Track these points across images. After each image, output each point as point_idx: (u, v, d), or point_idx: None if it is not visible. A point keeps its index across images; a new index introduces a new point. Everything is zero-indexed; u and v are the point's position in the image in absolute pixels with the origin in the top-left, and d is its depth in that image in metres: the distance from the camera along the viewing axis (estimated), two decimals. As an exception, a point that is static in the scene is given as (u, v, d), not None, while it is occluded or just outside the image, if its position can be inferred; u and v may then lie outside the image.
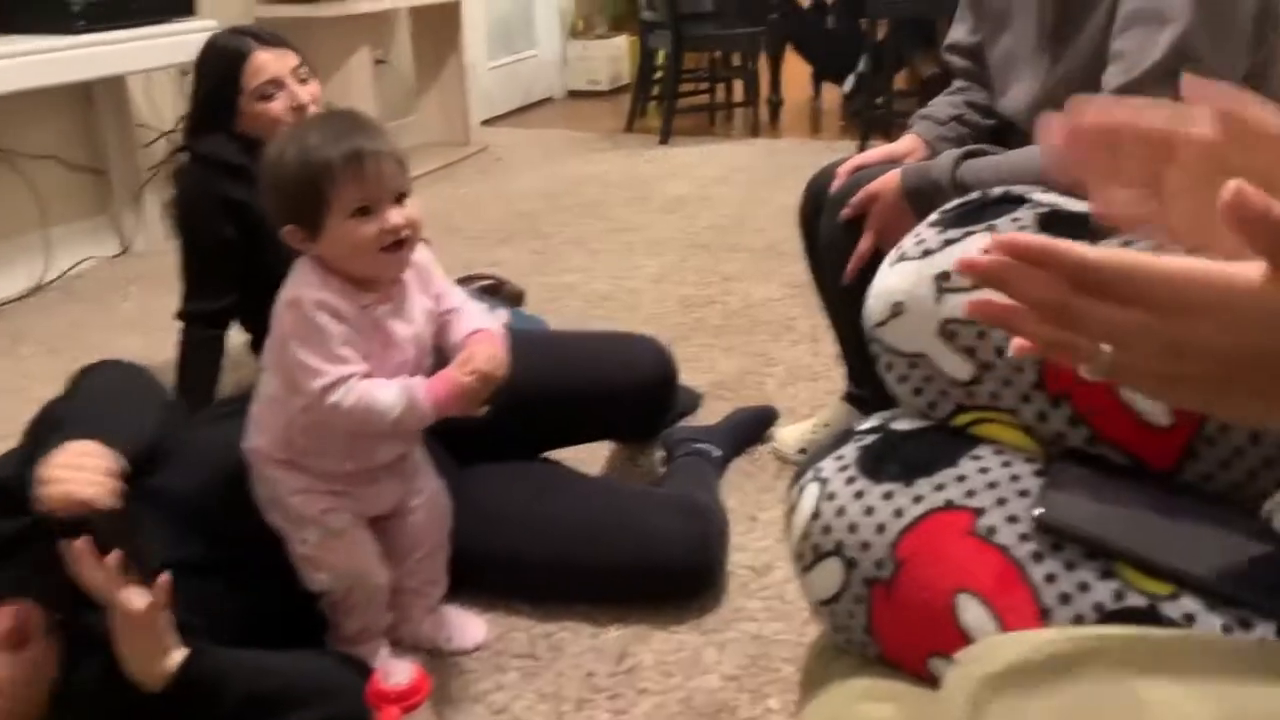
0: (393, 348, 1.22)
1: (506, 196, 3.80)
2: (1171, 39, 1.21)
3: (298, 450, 1.24)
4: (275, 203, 1.19)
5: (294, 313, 1.18)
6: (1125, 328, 0.51)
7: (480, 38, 5.11)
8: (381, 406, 1.17)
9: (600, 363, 1.66)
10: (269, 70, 1.78)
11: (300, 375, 1.17)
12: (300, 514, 1.26)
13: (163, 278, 2.93)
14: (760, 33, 4.68)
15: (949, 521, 0.72)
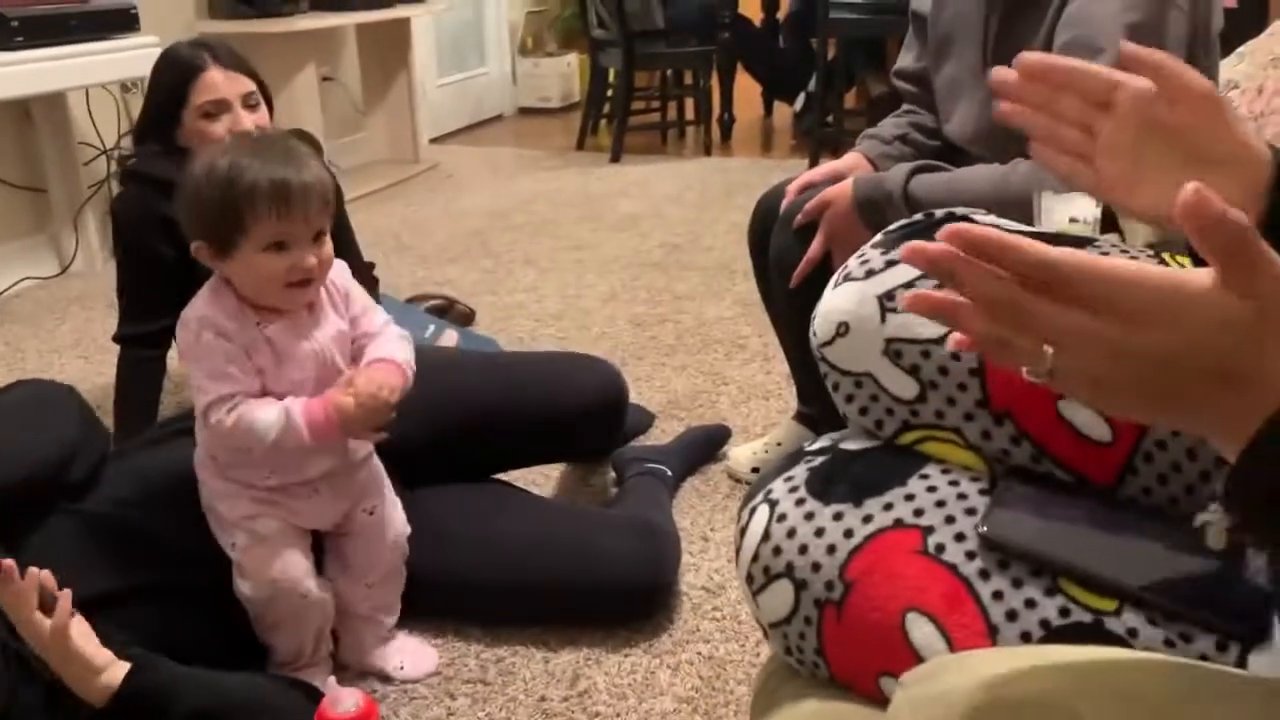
0: (288, 364, 1.22)
1: (456, 215, 3.78)
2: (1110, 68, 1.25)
3: (223, 466, 1.25)
4: (191, 215, 1.19)
5: (183, 331, 1.20)
6: (1071, 329, 0.50)
7: (429, 54, 5.09)
8: (260, 427, 1.17)
9: (550, 384, 1.65)
10: (218, 90, 1.75)
11: (194, 392, 1.20)
12: (227, 518, 1.25)
13: (102, 298, 2.87)
14: (711, 51, 4.72)
15: (898, 541, 0.72)
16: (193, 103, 1.75)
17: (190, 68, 1.76)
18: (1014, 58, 1.42)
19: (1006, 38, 1.41)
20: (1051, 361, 0.52)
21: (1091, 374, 0.51)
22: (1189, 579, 0.67)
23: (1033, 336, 0.52)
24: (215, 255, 1.18)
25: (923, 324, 0.78)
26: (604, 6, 4.55)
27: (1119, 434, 0.72)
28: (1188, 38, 1.29)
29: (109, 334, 1.93)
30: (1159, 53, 0.65)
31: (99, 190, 3.19)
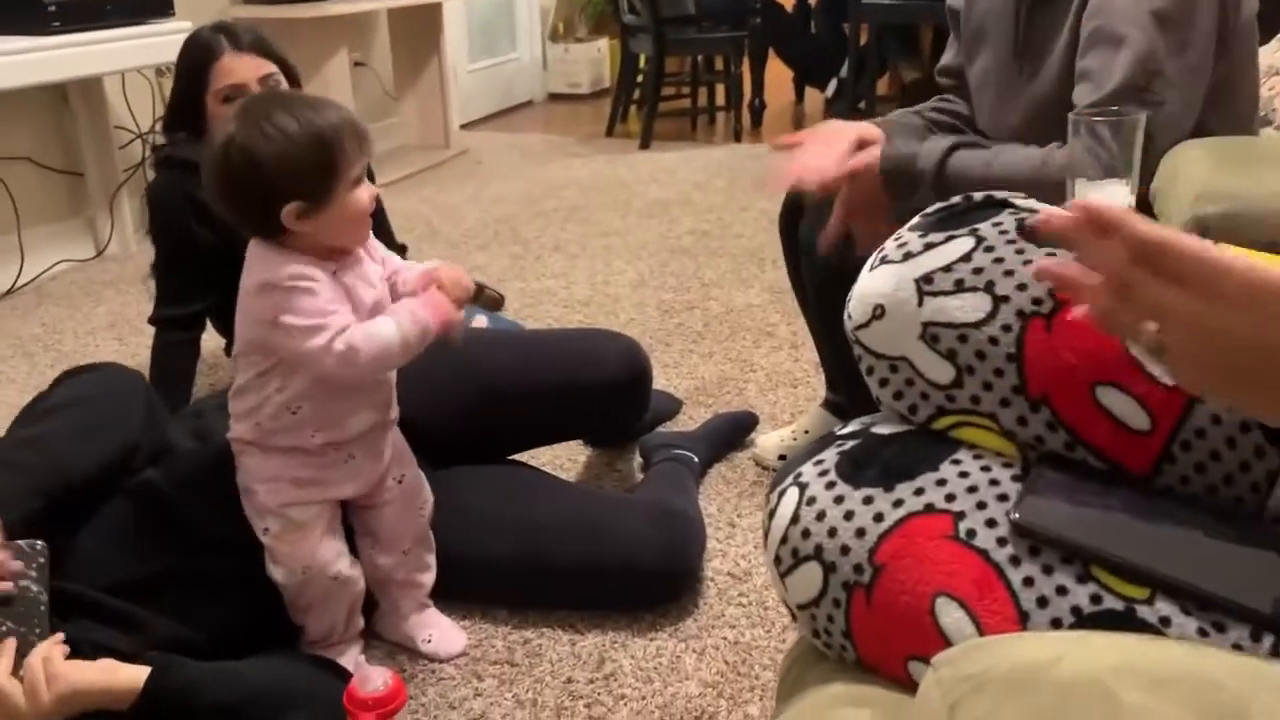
0: (362, 311, 1.24)
1: (486, 200, 3.79)
2: (1133, 57, 1.24)
3: (266, 432, 1.25)
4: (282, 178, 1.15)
5: (272, 293, 1.18)
6: (1173, 308, 0.54)
7: (460, 40, 5.10)
8: (385, 335, 1.18)
9: (569, 359, 1.65)
10: (235, 74, 1.75)
11: (300, 338, 1.16)
12: (264, 503, 1.26)
13: (137, 281, 2.91)
14: (743, 37, 4.69)
15: (928, 525, 0.72)
16: (212, 87, 1.76)
17: (207, 53, 1.76)
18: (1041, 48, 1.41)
19: (1035, 29, 1.39)
20: (1157, 338, 0.56)
21: (1190, 354, 0.55)
22: (1223, 568, 0.66)
23: (1138, 311, 0.56)
24: (309, 211, 1.17)
25: (960, 308, 0.78)
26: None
27: (1157, 422, 0.71)
28: (1216, 24, 1.27)
29: (144, 316, 1.95)
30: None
31: (134, 174, 3.22)
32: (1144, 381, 0.71)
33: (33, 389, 1.44)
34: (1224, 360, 0.54)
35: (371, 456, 1.32)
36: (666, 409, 2.05)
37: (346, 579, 1.32)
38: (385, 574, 1.38)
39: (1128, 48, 1.25)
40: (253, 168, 1.15)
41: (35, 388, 1.40)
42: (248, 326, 1.22)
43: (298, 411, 1.24)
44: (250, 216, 1.20)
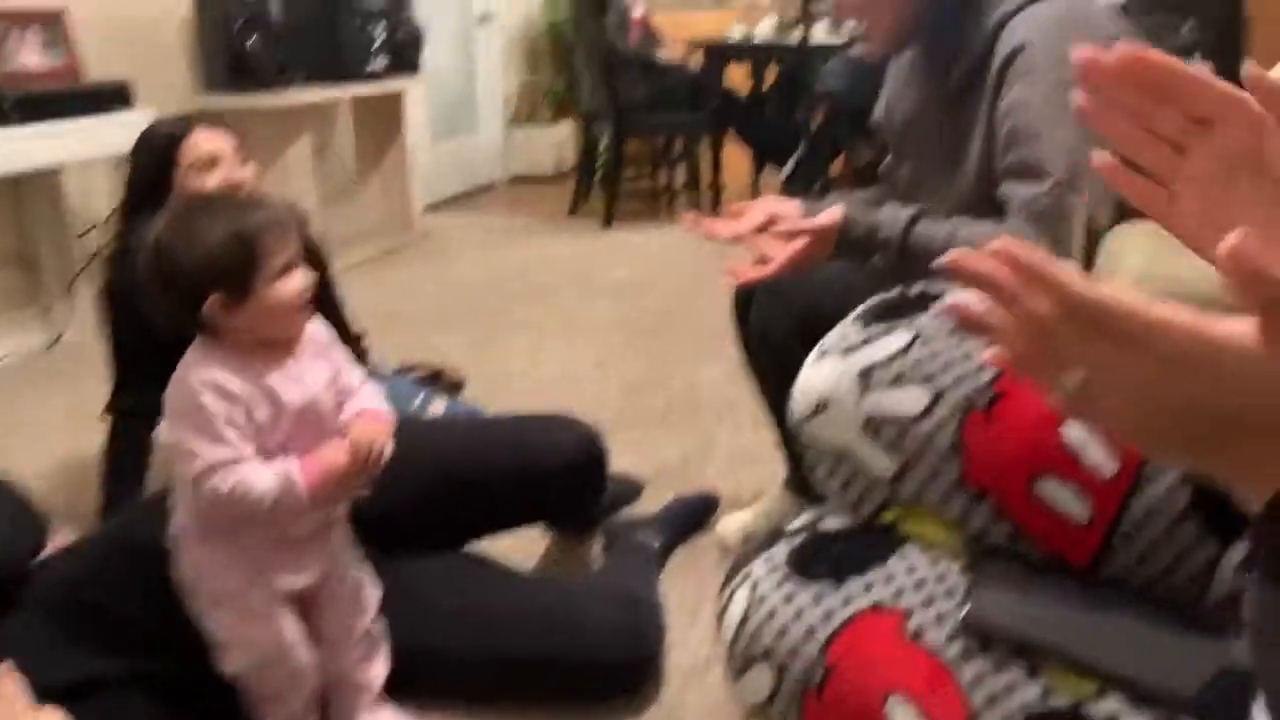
0: (285, 415, 1.22)
1: (448, 282, 3.80)
2: (1060, 149, 1.28)
3: (213, 527, 1.23)
4: (201, 272, 1.18)
5: (180, 394, 1.19)
6: (1102, 362, 0.51)
7: (423, 123, 5.16)
8: (258, 493, 1.17)
9: (524, 445, 1.63)
10: (208, 146, 1.77)
11: (181, 459, 1.17)
12: (219, 592, 1.23)
13: (91, 372, 2.87)
14: (701, 120, 4.79)
15: (878, 623, 0.71)
16: (183, 163, 1.76)
17: (174, 134, 1.77)
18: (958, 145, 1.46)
19: (951, 134, 1.44)
20: (1077, 385, 0.52)
21: (1116, 409, 0.52)
22: (1171, 663, 0.66)
23: (1060, 360, 0.52)
24: (230, 304, 1.18)
25: (900, 402, 0.79)
26: (594, 78, 4.63)
27: (1096, 513, 0.72)
28: None
29: (97, 407, 1.92)
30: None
31: (92, 264, 3.20)
32: (1083, 472, 0.72)
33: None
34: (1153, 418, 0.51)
35: (318, 552, 1.30)
36: (627, 493, 2.03)
37: (309, 664, 1.29)
38: (334, 674, 1.35)
39: (1049, 142, 1.29)
40: (174, 264, 1.18)
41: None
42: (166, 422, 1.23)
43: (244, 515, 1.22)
44: (180, 313, 1.21)
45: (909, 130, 1.54)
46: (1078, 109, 0.58)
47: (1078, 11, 1.31)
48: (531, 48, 6.27)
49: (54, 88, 2.75)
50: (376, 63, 3.99)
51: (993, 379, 0.76)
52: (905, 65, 1.56)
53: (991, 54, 1.34)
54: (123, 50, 3.30)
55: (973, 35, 1.36)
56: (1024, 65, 1.30)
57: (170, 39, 3.57)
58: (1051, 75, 1.28)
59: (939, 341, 0.80)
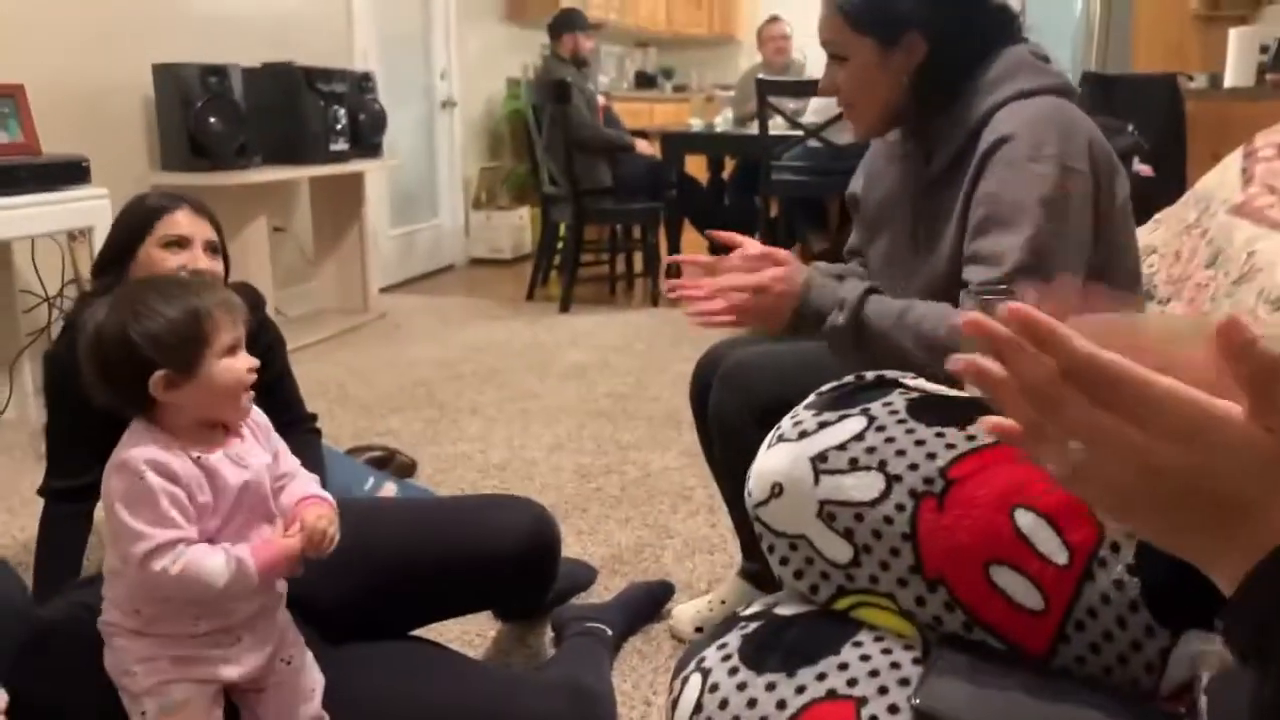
0: (223, 496, 1.20)
1: (403, 364, 3.78)
2: (1023, 240, 1.31)
3: (145, 619, 1.19)
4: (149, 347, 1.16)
5: (122, 475, 1.15)
6: (1101, 429, 0.51)
7: (383, 205, 5.18)
8: (209, 574, 1.15)
9: (473, 529, 1.60)
10: (182, 227, 1.75)
11: (126, 540, 1.14)
12: (141, 685, 1.19)
13: (31, 449, 2.80)
14: (659, 208, 4.86)
15: (832, 712, 0.70)
16: (155, 233, 1.75)
17: (159, 207, 1.76)
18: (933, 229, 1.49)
19: (927, 215, 1.47)
20: (1076, 459, 0.52)
21: (1112, 479, 0.52)
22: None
23: (1063, 429, 0.52)
24: (175, 381, 1.17)
25: (856, 487, 0.78)
26: (554, 165, 4.70)
27: (1050, 602, 0.72)
28: (1095, 202, 1.36)
29: (35, 486, 1.86)
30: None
31: (38, 338, 3.15)
32: (1036, 560, 0.72)
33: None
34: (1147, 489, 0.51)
35: (260, 638, 1.26)
36: (581, 579, 2.00)
37: None
38: None
39: (1017, 232, 1.32)
40: (120, 340, 1.17)
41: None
42: (104, 505, 1.19)
43: (173, 599, 1.18)
44: (122, 392, 1.19)
45: (885, 209, 1.57)
46: (957, 366, 0.58)
47: (1065, 112, 1.35)
48: (492, 133, 6.37)
49: (10, 162, 2.73)
50: (338, 145, 4.02)
51: (946, 465, 0.76)
52: (887, 143, 1.59)
53: (977, 141, 1.37)
54: (80, 126, 3.30)
55: (960, 122, 1.39)
56: (1006, 155, 1.32)
57: (129, 116, 3.57)
58: (1031, 170, 1.31)
59: (892, 428, 0.80)
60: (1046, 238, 1.31)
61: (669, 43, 8.67)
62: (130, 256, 1.77)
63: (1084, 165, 1.34)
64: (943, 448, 0.77)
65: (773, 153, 4.41)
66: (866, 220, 1.62)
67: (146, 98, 3.58)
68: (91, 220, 2.88)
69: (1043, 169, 1.31)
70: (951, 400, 0.84)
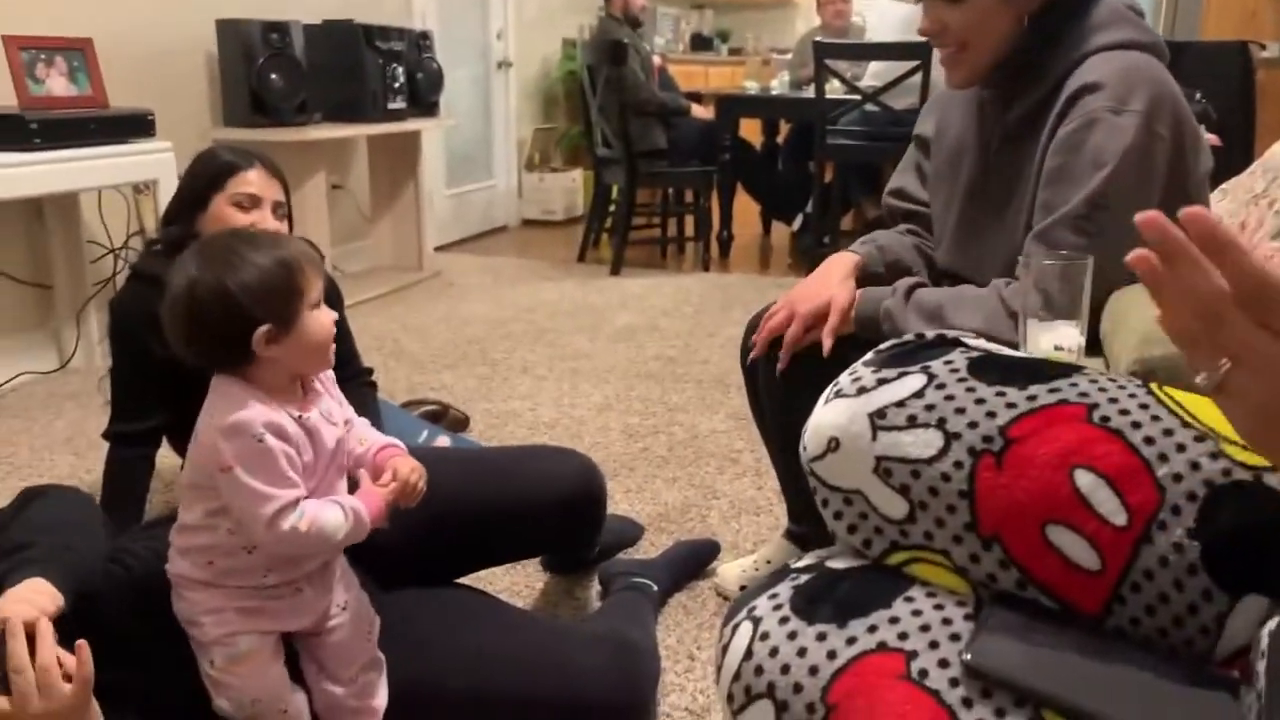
0: (327, 450, 1.23)
1: (456, 322, 3.81)
2: (1086, 192, 1.28)
3: (217, 571, 1.22)
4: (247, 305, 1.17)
5: (237, 437, 1.16)
6: (1257, 351, 0.51)
7: (439, 165, 5.21)
8: (330, 527, 1.18)
9: (522, 477, 1.63)
10: (254, 186, 1.79)
11: (250, 502, 1.16)
12: (209, 635, 1.22)
13: (98, 395, 2.88)
14: (712, 171, 4.83)
15: (881, 664, 0.71)
16: (228, 189, 1.78)
17: (233, 163, 1.79)
18: (1010, 186, 1.46)
19: (1003, 165, 1.44)
20: (1224, 375, 0.52)
21: (1259, 400, 0.51)
22: (1174, 714, 0.65)
23: (1220, 345, 0.52)
24: (277, 335, 1.18)
25: (914, 444, 0.79)
26: (609, 127, 4.69)
27: (1106, 562, 0.72)
28: (1172, 171, 1.33)
29: (101, 431, 1.92)
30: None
31: (104, 288, 3.23)
32: (1094, 520, 0.72)
33: (-18, 503, 1.41)
34: None
35: (320, 589, 1.29)
36: (627, 535, 2.02)
37: (296, 713, 1.28)
38: (335, 701, 1.34)
39: (1084, 183, 1.29)
40: (221, 296, 1.16)
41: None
42: (203, 463, 1.20)
43: (254, 552, 1.21)
44: (219, 348, 1.19)
45: (955, 159, 1.53)
46: (1133, 258, 0.57)
47: (1156, 71, 1.31)
48: (547, 94, 6.36)
49: (79, 114, 2.79)
50: (396, 103, 4.04)
51: (1006, 424, 0.76)
52: (961, 94, 1.54)
53: (1061, 89, 1.34)
54: (146, 81, 3.35)
55: (1047, 69, 1.36)
56: (1090, 104, 1.29)
57: (193, 71, 3.62)
58: (1112, 122, 1.27)
59: (952, 386, 0.80)
60: (1110, 196, 1.28)
61: (725, 5, 8.57)
62: (201, 208, 1.80)
63: (1167, 130, 1.30)
64: (1003, 406, 0.77)
65: (829, 117, 4.36)
66: (936, 164, 1.58)
67: (210, 53, 3.63)
68: (156, 173, 2.94)
69: (1125, 123, 1.27)
70: (1014, 359, 0.84)
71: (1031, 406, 0.77)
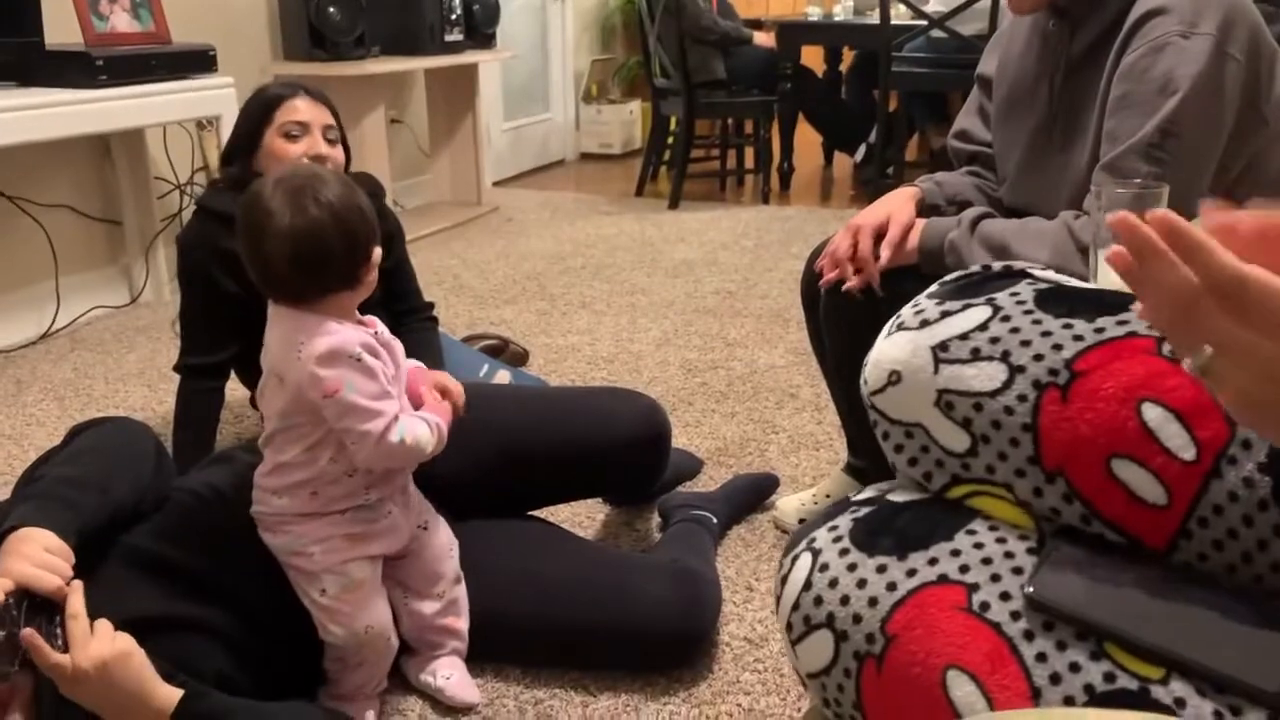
0: (402, 365, 1.29)
1: (515, 257, 3.83)
2: (1155, 119, 1.24)
3: (324, 500, 1.26)
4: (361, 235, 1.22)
5: (337, 362, 1.19)
6: (1237, 343, 0.52)
7: (495, 100, 5.19)
8: (424, 440, 1.24)
9: (589, 416, 1.65)
10: (301, 114, 1.80)
11: (361, 420, 1.20)
12: (323, 564, 1.26)
13: (168, 328, 2.95)
14: (773, 101, 4.74)
15: (942, 596, 0.71)
16: (275, 121, 1.80)
17: (278, 95, 1.82)
18: (1075, 117, 1.42)
19: (1069, 97, 1.40)
20: (1210, 359, 0.54)
21: (1239, 385, 0.53)
22: (1240, 649, 0.64)
23: (1199, 336, 0.54)
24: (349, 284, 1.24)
25: (976, 377, 0.78)
26: (667, 56, 4.62)
27: (1174, 497, 0.71)
28: (1246, 91, 1.28)
29: (173, 364, 1.97)
30: None
31: (171, 224, 3.29)
32: (1161, 455, 0.71)
33: (61, 432, 1.45)
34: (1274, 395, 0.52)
35: (405, 508, 1.34)
36: (687, 468, 2.04)
37: (395, 643, 1.35)
38: (424, 620, 1.38)
39: (1151, 111, 1.25)
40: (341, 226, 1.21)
41: (63, 431, 1.41)
42: (296, 395, 1.22)
43: (354, 474, 1.26)
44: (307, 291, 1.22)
45: (1020, 94, 1.49)
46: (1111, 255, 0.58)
47: None
48: (604, 25, 6.27)
49: (143, 50, 2.82)
50: (453, 35, 4.02)
51: (1072, 357, 0.75)
52: (1024, 27, 1.51)
53: (1127, 14, 1.30)
54: (206, 18, 3.37)
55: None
56: (1157, 28, 1.25)
57: (253, 6, 3.63)
58: (1181, 46, 1.23)
59: (1018, 319, 0.78)
60: (1183, 123, 1.24)
61: (787, -71, 8.33)
62: (256, 145, 1.82)
63: (1240, 53, 1.25)
64: (1070, 339, 0.76)
65: (894, 44, 4.24)
66: (999, 102, 1.54)
67: (268, -13, 3.63)
68: (218, 109, 2.96)
69: (1194, 47, 1.22)
70: (1082, 292, 0.82)
71: (1099, 339, 0.75)
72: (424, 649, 1.41)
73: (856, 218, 1.53)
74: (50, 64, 2.67)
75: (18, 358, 2.82)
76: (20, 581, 1.04)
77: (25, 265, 2.99)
